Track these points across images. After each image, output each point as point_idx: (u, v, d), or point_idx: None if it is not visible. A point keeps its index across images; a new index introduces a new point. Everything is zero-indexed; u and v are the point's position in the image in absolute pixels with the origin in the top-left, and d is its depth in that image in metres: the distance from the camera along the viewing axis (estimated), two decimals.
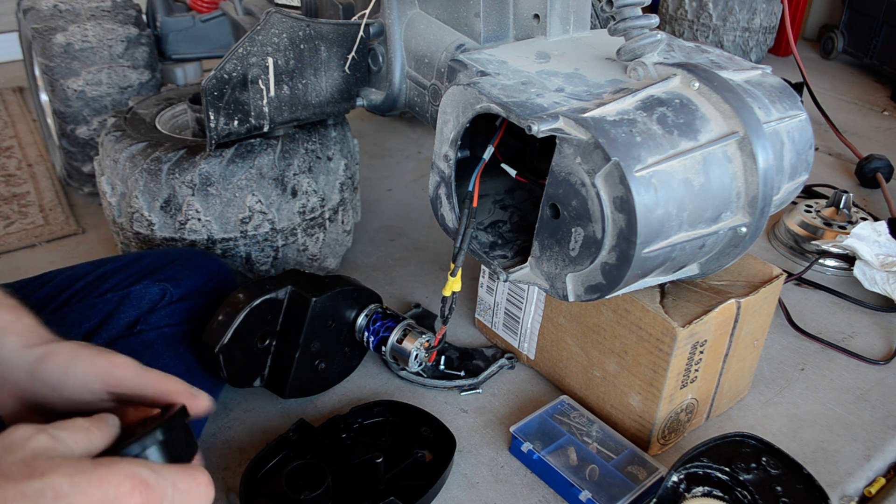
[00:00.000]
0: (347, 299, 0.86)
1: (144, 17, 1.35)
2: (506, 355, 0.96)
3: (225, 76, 0.84)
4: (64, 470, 0.37)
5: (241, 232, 0.95)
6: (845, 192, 1.27)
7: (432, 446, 0.81)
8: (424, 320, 1.03)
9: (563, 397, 0.87)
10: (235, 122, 0.88)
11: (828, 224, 1.25)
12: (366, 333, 0.88)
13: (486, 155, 0.72)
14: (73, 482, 0.37)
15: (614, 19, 0.68)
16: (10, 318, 0.54)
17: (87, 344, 0.53)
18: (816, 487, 0.69)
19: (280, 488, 0.72)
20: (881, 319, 1.10)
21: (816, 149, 1.64)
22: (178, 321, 0.78)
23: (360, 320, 0.88)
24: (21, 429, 0.40)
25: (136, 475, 0.39)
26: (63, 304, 0.74)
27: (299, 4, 1.14)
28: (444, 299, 0.77)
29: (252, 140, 0.94)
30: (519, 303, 0.92)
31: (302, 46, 0.89)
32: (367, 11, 0.91)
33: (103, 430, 0.43)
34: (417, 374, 0.92)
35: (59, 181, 1.40)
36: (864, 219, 1.27)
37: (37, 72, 1.34)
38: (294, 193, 0.97)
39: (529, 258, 0.69)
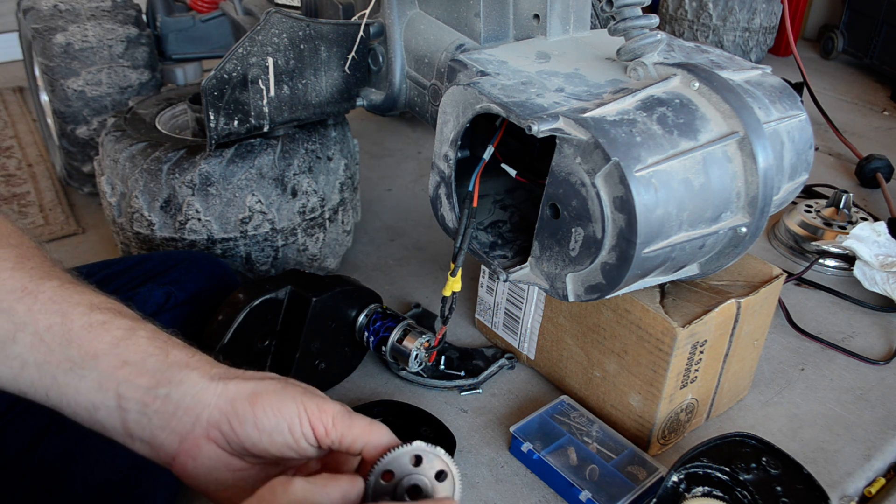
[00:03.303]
0: (347, 299, 0.86)
1: (144, 17, 1.35)
2: (506, 355, 0.96)
3: (225, 76, 0.84)
4: None
5: (241, 232, 0.95)
6: (845, 192, 1.27)
7: None
8: (424, 320, 1.03)
9: (563, 397, 0.87)
10: (235, 122, 0.88)
11: (828, 224, 1.25)
12: (366, 333, 0.88)
13: (486, 155, 0.72)
14: None
15: (614, 19, 0.68)
16: (186, 354, 0.49)
17: (290, 381, 0.50)
18: (816, 487, 0.69)
19: None
20: (881, 319, 1.09)
21: (816, 149, 1.64)
22: (182, 324, 0.78)
23: (360, 320, 0.88)
24: (279, 479, 0.42)
25: None
26: None
27: (299, 4, 1.14)
28: (444, 299, 0.77)
29: (252, 140, 0.94)
30: (519, 303, 0.92)
31: (302, 46, 0.89)
32: (367, 11, 0.91)
33: (357, 488, 0.45)
34: (417, 374, 0.92)
35: (59, 181, 1.40)
36: (864, 219, 1.27)
37: (37, 72, 1.34)
38: (294, 193, 0.97)
39: (529, 258, 0.69)
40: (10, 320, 0.48)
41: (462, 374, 0.93)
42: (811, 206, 1.30)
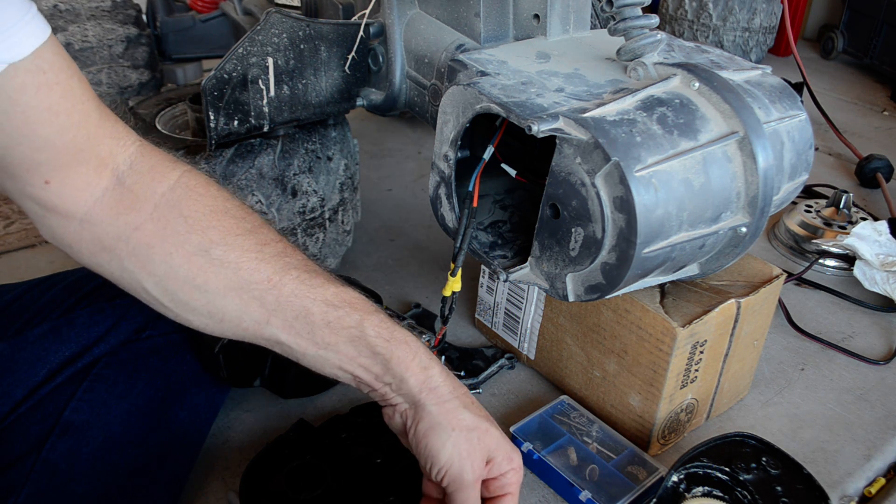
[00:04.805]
0: None
1: (144, 17, 1.36)
2: (506, 355, 0.96)
3: (225, 76, 0.84)
4: None
5: None
6: (845, 192, 1.27)
7: None
8: (424, 320, 1.03)
9: (563, 397, 0.87)
10: (235, 122, 0.88)
11: (828, 224, 1.25)
12: None
13: (486, 155, 0.72)
14: None
15: (614, 19, 0.68)
16: (408, 355, 0.62)
17: (464, 439, 0.61)
18: (816, 487, 0.69)
19: (280, 488, 0.72)
20: (881, 319, 1.10)
21: (816, 149, 1.64)
22: (185, 327, 0.78)
23: None
24: None
25: None
26: (71, 307, 0.74)
27: (299, 4, 1.14)
28: (444, 299, 0.77)
29: (252, 140, 0.94)
30: (519, 303, 0.92)
31: (302, 46, 0.89)
32: (367, 11, 0.91)
33: None
34: None
35: None
36: (864, 219, 1.27)
37: None
38: (294, 193, 0.97)
39: (529, 258, 0.69)
40: (263, 307, 0.58)
41: (462, 374, 0.93)
42: (811, 206, 1.30)
